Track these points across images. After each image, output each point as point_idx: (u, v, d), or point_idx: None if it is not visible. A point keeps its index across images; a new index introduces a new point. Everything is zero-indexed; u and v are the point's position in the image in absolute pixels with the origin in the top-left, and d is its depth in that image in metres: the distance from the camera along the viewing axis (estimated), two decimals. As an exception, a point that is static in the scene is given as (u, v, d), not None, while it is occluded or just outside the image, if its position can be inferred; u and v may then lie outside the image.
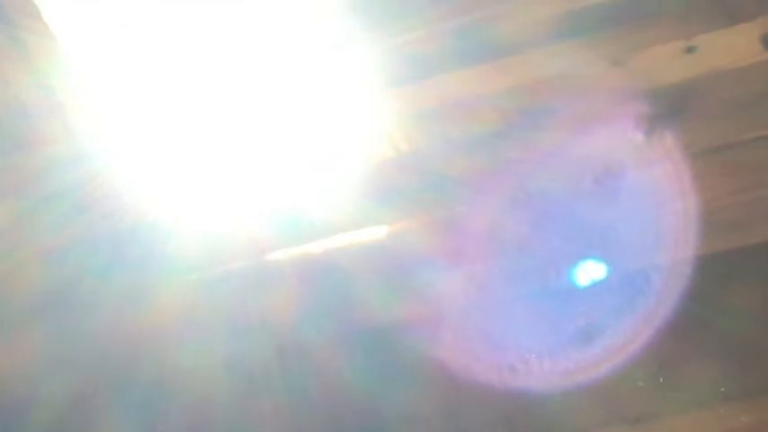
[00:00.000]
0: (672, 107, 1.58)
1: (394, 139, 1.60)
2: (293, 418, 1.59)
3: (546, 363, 1.53)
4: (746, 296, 1.48)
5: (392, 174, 1.62)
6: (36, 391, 1.63)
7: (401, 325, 1.55)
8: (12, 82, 1.77)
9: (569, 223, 1.54)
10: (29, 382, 1.64)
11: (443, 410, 1.57)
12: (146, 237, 1.66)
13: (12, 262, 1.68)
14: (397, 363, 1.56)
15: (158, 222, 1.67)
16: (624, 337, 1.49)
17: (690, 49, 1.61)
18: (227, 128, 1.78)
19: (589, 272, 1.52)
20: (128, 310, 1.62)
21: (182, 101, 1.83)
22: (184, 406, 1.60)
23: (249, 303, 1.60)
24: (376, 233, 1.59)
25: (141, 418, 1.60)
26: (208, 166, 1.75)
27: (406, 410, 1.57)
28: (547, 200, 1.55)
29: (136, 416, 1.60)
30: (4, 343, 1.65)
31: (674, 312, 1.47)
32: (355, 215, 1.59)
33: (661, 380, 1.48)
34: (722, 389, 1.46)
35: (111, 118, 1.80)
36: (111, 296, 1.63)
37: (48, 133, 1.75)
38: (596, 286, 1.52)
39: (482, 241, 1.54)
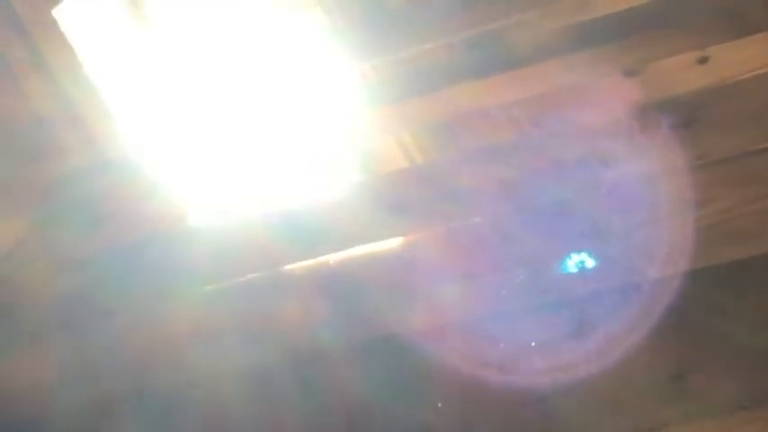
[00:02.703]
0: (684, 117, 1.57)
1: (408, 149, 1.61)
2: (308, 428, 1.59)
3: (559, 373, 1.53)
4: (760, 305, 1.48)
5: (407, 185, 1.63)
6: (53, 401, 1.63)
7: (416, 335, 1.55)
8: (30, 93, 1.78)
9: (582, 233, 1.54)
10: (46, 393, 1.64)
11: (458, 420, 1.57)
12: (162, 248, 1.67)
13: (30, 273, 1.69)
14: (411, 373, 1.56)
15: (175, 233, 1.68)
16: (635, 345, 1.48)
17: (702, 60, 1.61)
18: (245, 139, 1.78)
19: (598, 280, 1.52)
20: (144, 321, 1.62)
21: (199, 112, 1.84)
22: (200, 417, 1.60)
23: (265, 314, 1.60)
24: (391, 244, 1.59)
25: (157, 429, 1.60)
26: (224, 178, 1.76)
27: (421, 420, 1.57)
28: (560, 210, 1.55)
29: (152, 426, 1.60)
30: (22, 354, 1.66)
31: (687, 322, 1.47)
32: (370, 226, 1.59)
33: (673, 390, 1.48)
34: (736, 398, 1.45)
35: (128, 129, 1.81)
36: (128, 307, 1.64)
37: (66, 144, 1.76)
38: (606, 296, 1.52)
39: (496, 252, 1.54)
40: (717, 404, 1.45)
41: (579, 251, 1.53)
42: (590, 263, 1.53)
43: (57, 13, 1.76)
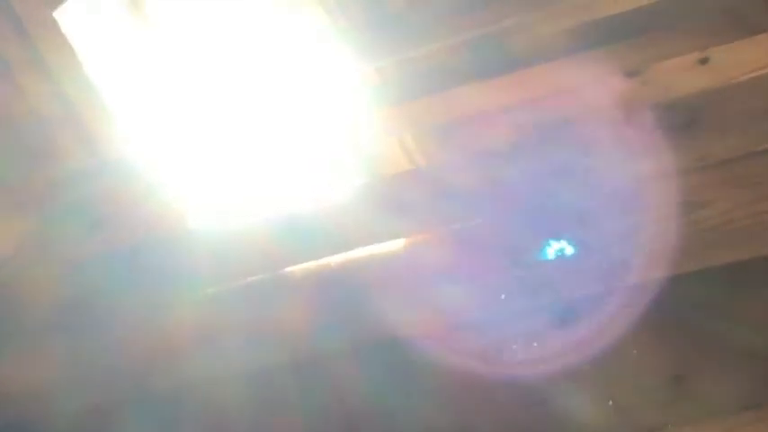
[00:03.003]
0: (685, 118, 1.57)
1: (410, 152, 1.60)
2: (309, 430, 1.59)
3: (560, 373, 1.53)
4: (760, 307, 1.48)
5: (408, 187, 1.63)
6: (53, 404, 1.63)
7: (417, 337, 1.55)
8: (30, 94, 1.78)
9: (584, 234, 1.54)
10: (46, 396, 1.64)
11: (459, 422, 1.57)
12: (162, 251, 1.67)
13: (29, 276, 1.69)
14: (412, 375, 1.57)
15: (175, 236, 1.67)
16: (634, 345, 1.49)
17: (703, 61, 1.61)
18: (244, 141, 1.78)
19: (597, 281, 1.52)
20: (144, 325, 1.62)
21: (198, 114, 1.83)
22: (200, 420, 1.60)
23: (265, 317, 1.60)
24: (392, 246, 1.59)
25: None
26: (225, 180, 1.76)
27: (422, 422, 1.57)
28: (563, 212, 1.55)
29: (152, 429, 1.60)
30: (20, 357, 1.66)
31: (687, 323, 1.47)
32: (371, 228, 1.59)
33: (673, 391, 1.48)
34: (736, 400, 1.46)
35: (128, 130, 1.81)
36: (128, 310, 1.64)
37: (65, 146, 1.76)
38: (608, 296, 1.52)
39: (498, 254, 1.54)
40: (717, 406, 1.46)
41: (579, 250, 1.53)
42: (590, 262, 1.53)
43: (57, 14, 1.76)
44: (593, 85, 1.64)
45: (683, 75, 1.61)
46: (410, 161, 1.59)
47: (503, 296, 1.54)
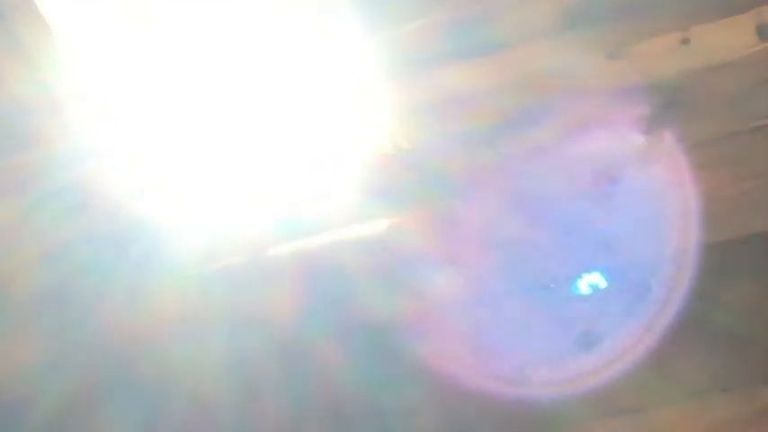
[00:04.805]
0: (668, 99, 1.58)
1: (392, 134, 1.60)
2: (293, 414, 1.60)
3: (541, 356, 1.54)
4: (740, 288, 1.49)
5: (390, 169, 1.63)
6: (36, 389, 1.64)
7: (399, 320, 1.56)
8: (8, 79, 1.77)
9: (566, 217, 1.55)
10: (29, 380, 1.64)
11: (440, 403, 1.58)
12: (145, 234, 1.67)
13: (11, 261, 1.68)
14: (394, 357, 1.58)
15: (157, 219, 1.67)
16: (620, 334, 1.50)
17: (685, 42, 1.61)
18: (226, 124, 1.78)
19: (585, 268, 1.53)
20: (127, 308, 1.63)
21: (180, 97, 1.82)
22: (184, 403, 1.61)
23: (248, 299, 1.61)
24: (374, 229, 1.60)
25: (141, 416, 1.61)
26: (207, 163, 1.75)
27: (404, 404, 1.58)
28: (544, 195, 1.56)
29: (135, 414, 1.60)
30: (5, 342, 1.66)
31: (669, 305, 1.48)
32: (353, 211, 1.60)
33: (656, 372, 1.50)
34: (716, 381, 1.47)
35: (109, 115, 1.80)
36: (111, 294, 1.64)
37: (46, 131, 1.75)
38: (592, 284, 1.53)
39: (479, 237, 1.54)
40: (697, 387, 1.47)
41: (562, 234, 1.54)
42: (574, 247, 1.54)
43: (36, -3, 1.75)
44: (575, 68, 1.64)
45: (665, 56, 1.62)
46: (392, 144, 1.59)
47: (482, 279, 1.54)
